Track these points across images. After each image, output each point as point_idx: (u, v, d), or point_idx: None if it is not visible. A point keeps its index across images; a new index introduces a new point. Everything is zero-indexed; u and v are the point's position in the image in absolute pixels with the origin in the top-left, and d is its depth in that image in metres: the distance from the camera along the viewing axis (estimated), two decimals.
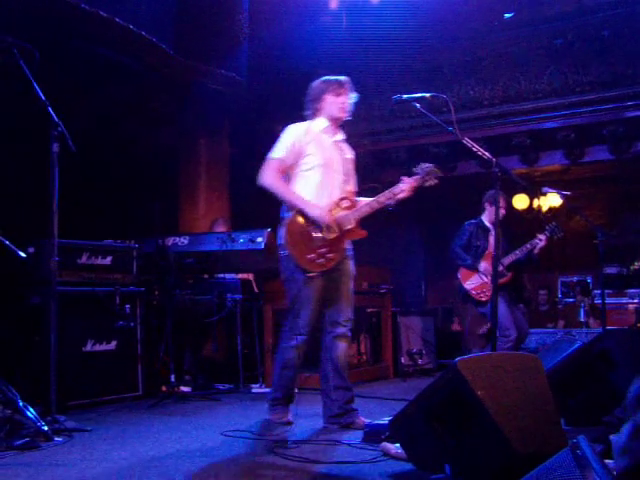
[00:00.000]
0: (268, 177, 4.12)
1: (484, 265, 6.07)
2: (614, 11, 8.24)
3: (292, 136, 4.20)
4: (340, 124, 4.33)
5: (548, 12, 8.62)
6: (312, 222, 4.06)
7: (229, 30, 7.12)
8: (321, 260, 4.03)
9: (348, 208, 4.18)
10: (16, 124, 5.38)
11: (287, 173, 4.22)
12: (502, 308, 5.97)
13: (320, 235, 4.05)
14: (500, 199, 5.92)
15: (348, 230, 4.12)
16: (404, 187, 4.11)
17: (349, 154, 4.41)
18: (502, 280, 5.99)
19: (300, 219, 4.08)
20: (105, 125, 6.52)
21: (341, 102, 4.22)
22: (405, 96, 4.07)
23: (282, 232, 4.12)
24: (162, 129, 7.48)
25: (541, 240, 5.97)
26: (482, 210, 6.30)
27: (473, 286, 6.13)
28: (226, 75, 7.29)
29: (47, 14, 5.38)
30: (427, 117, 4.17)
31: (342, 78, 4.27)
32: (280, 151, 4.17)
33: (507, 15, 8.76)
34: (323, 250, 4.03)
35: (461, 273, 6.22)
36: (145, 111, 7.07)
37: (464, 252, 6.21)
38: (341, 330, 4.22)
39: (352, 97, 4.27)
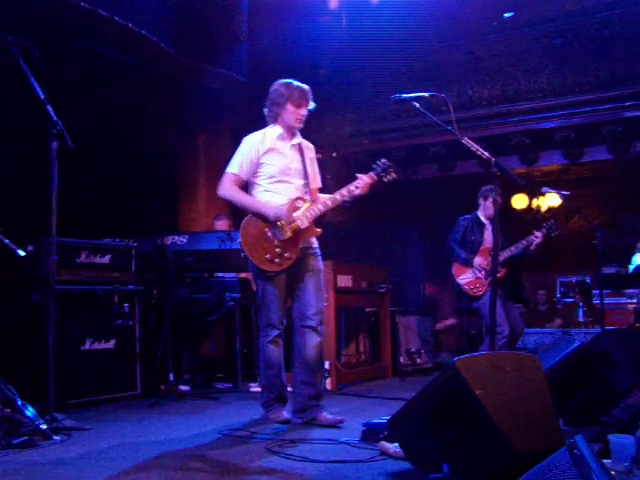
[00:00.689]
0: (223, 189, 4.31)
1: (478, 260, 6.08)
2: (613, 11, 8.25)
3: (247, 148, 4.33)
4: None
5: (547, 12, 8.63)
6: (268, 223, 4.17)
7: (229, 29, 7.12)
8: (277, 260, 4.15)
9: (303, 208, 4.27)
10: (15, 122, 5.38)
11: (249, 181, 4.35)
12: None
13: (275, 236, 4.15)
14: (492, 194, 5.95)
15: (303, 229, 4.21)
16: (360, 184, 4.19)
17: (310, 153, 4.49)
18: (499, 274, 6.00)
19: (255, 221, 4.20)
20: (104, 124, 6.52)
21: (300, 114, 4.31)
22: (404, 95, 4.07)
23: (239, 234, 4.24)
24: (162, 128, 7.48)
25: (537, 237, 5.97)
26: (477, 205, 6.31)
27: (466, 281, 6.13)
28: (226, 74, 7.29)
29: (47, 13, 5.38)
30: (426, 117, 4.17)
31: (304, 87, 4.32)
32: (235, 166, 4.32)
33: (506, 15, 8.77)
34: (279, 250, 4.15)
35: (454, 268, 6.23)
36: (145, 110, 7.06)
37: (459, 247, 6.21)
38: (309, 323, 4.28)
39: (310, 107, 4.35)
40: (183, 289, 6.08)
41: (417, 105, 4.09)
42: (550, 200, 10.92)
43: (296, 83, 4.33)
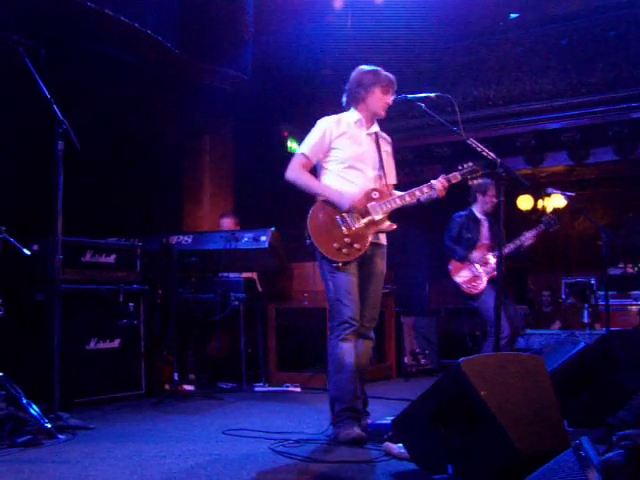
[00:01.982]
0: (291, 171, 4.01)
1: (477, 255, 5.99)
2: (620, 12, 8.23)
3: (321, 130, 4.04)
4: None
5: (553, 13, 8.62)
6: (339, 210, 3.90)
7: (234, 29, 7.12)
8: (345, 250, 3.84)
9: (378, 200, 3.98)
10: (21, 122, 5.39)
11: (318, 165, 4.08)
12: (492, 302, 5.89)
13: (346, 225, 3.87)
14: (491, 188, 5.89)
15: (376, 221, 3.94)
16: (440, 183, 4.03)
17: (386, 146, 4.23)
18: (495, 273, 5.95)
19: (325, 207, 3.92)
20: (110, 123, 6.52)
21: (387, 101, 4.07)
22: (410, 96, 4.05)
23: (307, 220, 3.91)
24: (167, 127, 7.48)
25: (527, 239, 5.90)
26: (473, 201, 6.21)
27: (463, 279, 6.05)
28: (231, 74, 7.29)
29: (53, 12, 5.38)
30: (431, 117, 4.15)
31: (391, 76, 4.10)
32: (307, 146, 4.04)
33: (512, 15, 8.76)
34: (348, 240, 3.84)
35: (452, 266, 6.13)
36: (150, 109, 7.07)
37: (456, 244, 6.13)
38: (362, 331, 4.01)
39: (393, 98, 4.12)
40: (188, 289, 6.09)
41: (423, 106, 4.08)
42: (555, 201, 10.90)
43: (383, 71, 4.11)
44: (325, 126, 4.06)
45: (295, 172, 4.01)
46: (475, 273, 5.99)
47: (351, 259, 3.87)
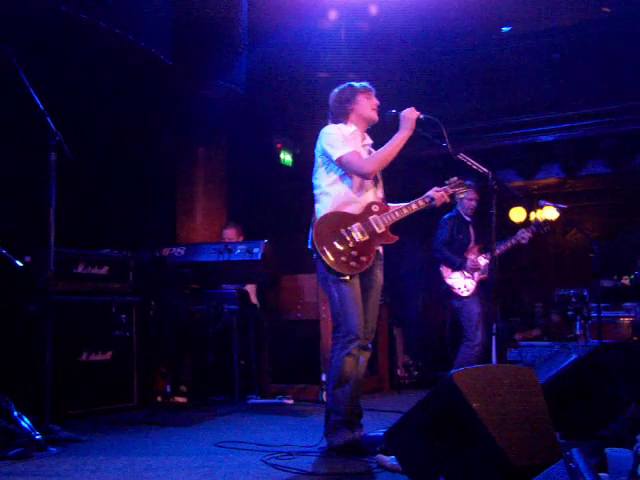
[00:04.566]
0: (368, 165, 3.94)
1: (470, 263, 5.99)
2: (611, 26, 8.29)
3: (339, 131, 3.99)
4: (367, 129, 4.17)
5: (546, 26, 8.67)
6: (343, 223, 3.90)
7: (228, 41, 7.14)
8: (353, 263, 3.85)
9: (378, 213, 4.00)
10: (15, 132, 5.39)
11: (324, 169, 4.02)
12: (475, 308, 5.91)
13: (351, 238, 3.87)
14: (469, 192, 5.89)
15: (379, 234, 3.96)
16: (437, 196, 4.10)
17: None
18: (484, 276, 5.97)
19: (331, 220, 3.91)
20: (103, 135, 6.52)
21: (374, 102, 4.10)
22: (401, 113, 4.04)
23: (312, 233, 3.89)
24: (160, 139, 7.49)
25: (524, 238, 5.96)
26: (455, 202, 6.14)
27: (455, 282, 6.06)
28: (224, 86, 7.31)
29: (47, 25, 5.40)
30: (420, 133, 4.15)
31: (364, 82, 4.15)
32: (346, 145, 3.94)
33: (505, 29, 8.81)
34: (355, 253, 3.85)
35: (443, 268, 6.15)
36: (143, 121, 7.07)
37: (448, 250, 6.13)
38: (363, 344, 3.97)
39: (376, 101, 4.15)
40: (181, 300, 6.07)
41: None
42: (548, 213, 10.93)
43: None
44: (337, 129, 4.02)
45: (369, 161, 3.96)
46: (467, 276, 6.01)
47: (359, 271, 3.89)
